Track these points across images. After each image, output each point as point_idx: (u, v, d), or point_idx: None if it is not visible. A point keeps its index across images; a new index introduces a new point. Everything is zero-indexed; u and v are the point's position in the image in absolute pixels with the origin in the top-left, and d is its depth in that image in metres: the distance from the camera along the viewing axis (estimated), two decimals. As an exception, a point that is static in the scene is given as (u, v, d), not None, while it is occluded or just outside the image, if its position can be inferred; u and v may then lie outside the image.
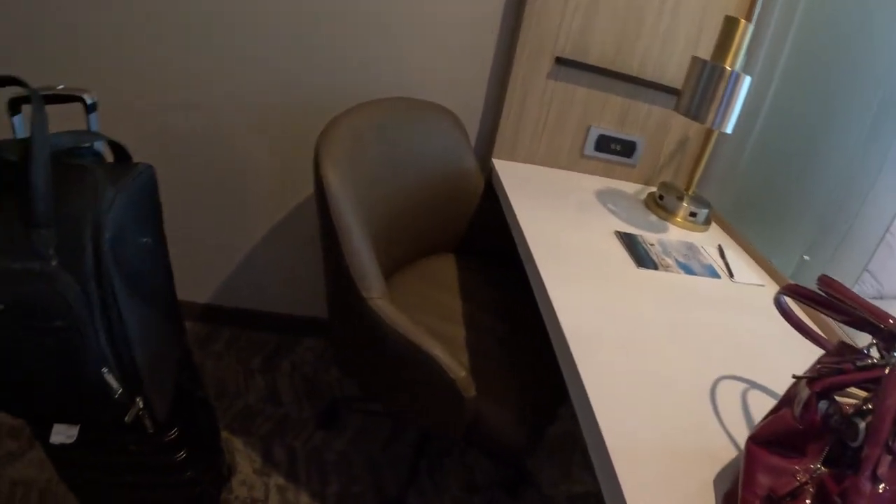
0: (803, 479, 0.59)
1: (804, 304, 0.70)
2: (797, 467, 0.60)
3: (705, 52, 1.55)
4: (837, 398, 0.62)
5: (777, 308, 0.78)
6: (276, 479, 1.65)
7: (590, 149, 1.72)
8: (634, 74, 1.64)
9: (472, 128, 1.74)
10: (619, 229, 1.41)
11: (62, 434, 1.11)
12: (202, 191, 1.81)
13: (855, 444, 0.58)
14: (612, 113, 1.69)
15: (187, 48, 1.59)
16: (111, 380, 0.94)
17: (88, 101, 0.95)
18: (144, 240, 0.99)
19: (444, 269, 1.62)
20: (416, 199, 1.50)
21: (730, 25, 1.36)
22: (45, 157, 0.81)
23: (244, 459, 1.69)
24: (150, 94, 1.64)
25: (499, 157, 1.71)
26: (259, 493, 1.61)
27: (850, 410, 0.60)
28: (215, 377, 1.92)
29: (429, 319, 1.37)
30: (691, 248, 1.42)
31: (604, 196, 1.61)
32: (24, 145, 0.81)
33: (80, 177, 0.85)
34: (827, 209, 1.34)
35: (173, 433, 1.19)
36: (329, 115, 1.30)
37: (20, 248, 0.80)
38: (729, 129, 1.39)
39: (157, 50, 1.59)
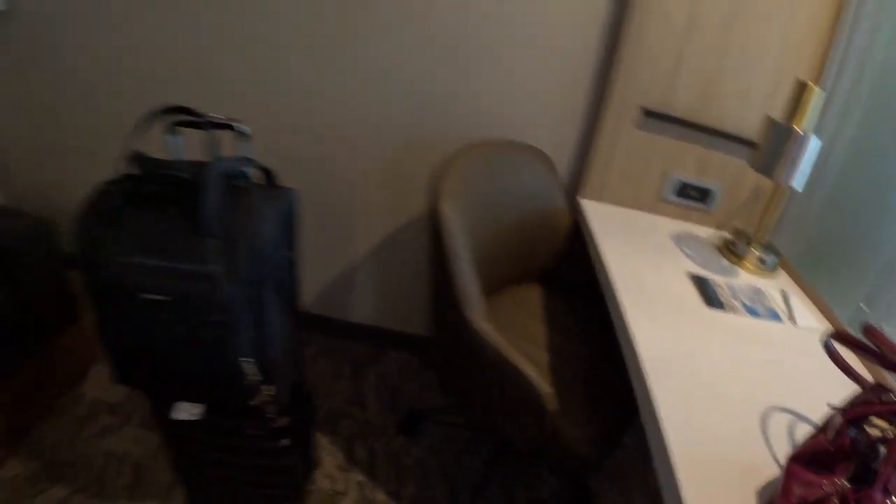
0: (829, 491, 0.73)
1: (850, 348, 0.84)
2: (825, 482, 0.75)
3: (780, 109, 1.68)
4: (866, 428, 0.77)
5: (825, 350, 0.92)
6: (357, 476, 1.82)
7: (670, 194, 1.86)
8: (714, 126, 1.77)
9: (563, 166, 1.90)
10: (692, 271, 1.54)
11: (186, 412, 1.30)
12: (311, 206, 2.03)
13: (875, 466, 0.72)
14: (691, 161, 1.82)
15: (312, 81, 1.82)
16: (249, 368, 1.13)
17: (243, 131, 1.16)
18: (286, 253, 1.19)
19: (531, 296, 1.78)
20: (511, 231, 1.67)
21: (801, 89, 1.47)
22: (217, 178, 1.01)
23: (328, 455, 1.87)
24: (272, 117, 1.87)
25: (586, 197, 1.87)
26: (340, 487, 1.78)
27: (875, 437, 0.74)
28: (307, 379, 2.11)
29: (517, 341, 1.54)
30: (758, 292, 1.53)
31: (680, 239, 1.75)
32: (199, 167, 1.02)
33: (242, 196, 1.06)
34: (887, 265, 1.45)
35: (285, 421, 1.38)
36: (434, 147, 1.51)
37: (190, 253, 1.01)
38: (798, 187, 1.51)
39: (280, 78, 1.82)
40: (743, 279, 1.59)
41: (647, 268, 1.49)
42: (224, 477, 1.50)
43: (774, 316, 1.43)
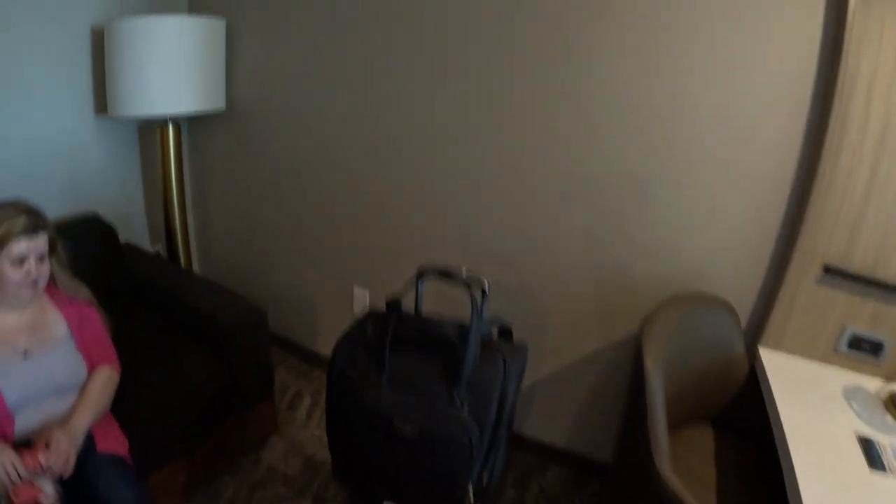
0: None
1: None
2: None
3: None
4: None
5: None
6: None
7: (842, 345, 1.94)
8: (892, 282, 1.84)
9: (744, 313, 2.04)
10: (858, 428, 1.62)
11: None
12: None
13: None
14: (866, 314, 1.90)
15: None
16: (470, 491, 1.30)
17: (485, 287, 1.34)
18: (515, 398, 1.37)
19: (704, 437, 1.93)
20: (693, 374, 1.81)
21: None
22: (477, 341, 1.20)
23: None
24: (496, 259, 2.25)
25: (764, 346, 1.98)
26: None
27: None
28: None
29: (690, 484, 1.65)
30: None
31: (849, 392, 1.82)
32: (463, 329, 1.21)
33: (492, 353, 1.25)
34: None
35: None
36: (631, 288, 1.95)
37: (444, 396, 1.19)
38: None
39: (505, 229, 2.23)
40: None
41: (817, 422, 1.61)
42: None
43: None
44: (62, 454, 1.50)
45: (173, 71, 2.44)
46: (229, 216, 3.16)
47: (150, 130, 2.92)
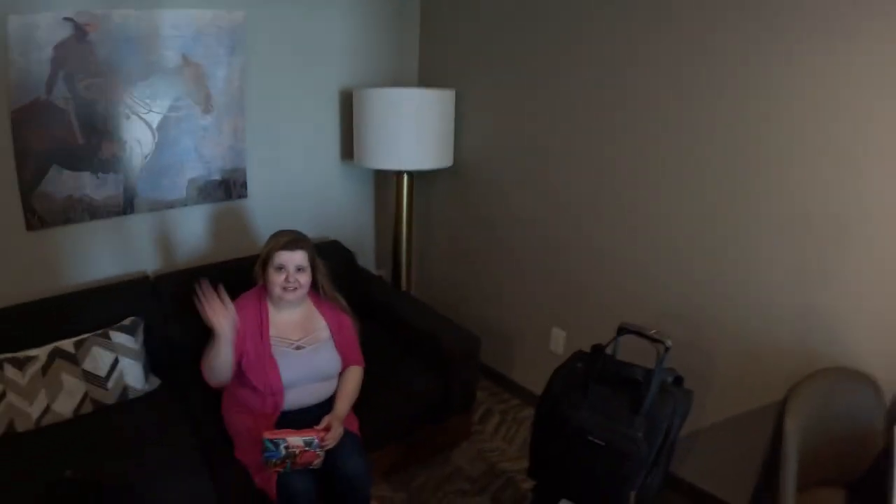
0: None
1: None
2: None
3: None
4: None
5: None
6: None
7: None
8: None
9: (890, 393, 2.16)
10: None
11: None
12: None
13: None
14: None
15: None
16: (632, 497, 1.74)
17: (667, 346, 1.78)
18: (677, 433, 1.80)
19: (834, 499, 2.12)
20: (831, 442, 2.08)
21: None
22: (658, 385, 1.65)
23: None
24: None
25: (902, 429, 2.16)
26: None
27: None
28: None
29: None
30: None
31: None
32: (648, 373, 1.66)
33: (666, 395, 1.70)
34: None
35: None
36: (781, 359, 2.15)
37: (626, 421, 1.65)
38: None
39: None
40: None
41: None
42: None
43: None
44: (337, 436, 2.13)
45: (412, 134, 3.08)
46: (446, 253, 3.82)
47: (383, 176, 3.66)
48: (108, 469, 2.09)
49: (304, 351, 2.30)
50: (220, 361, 2.12)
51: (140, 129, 2.79)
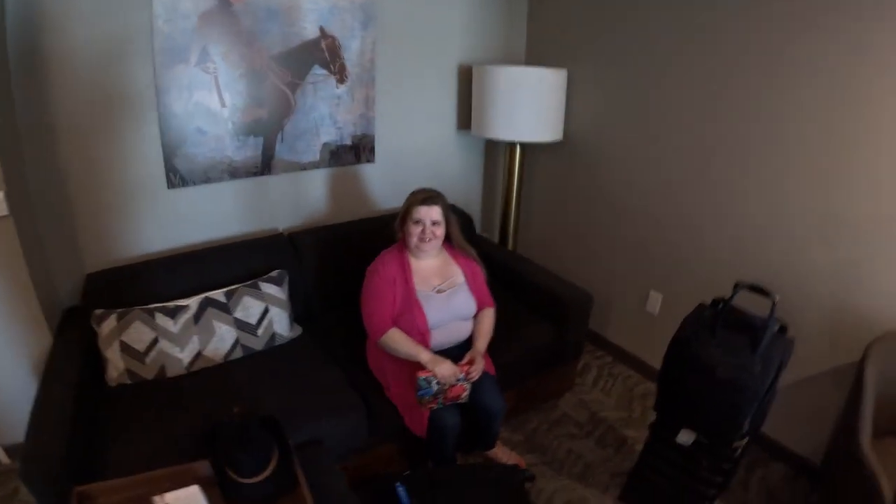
0: None
1: None
2: None
3: None
4: None
5: None
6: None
7: None
8: None
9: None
10: None
11: (686, 435, 2.34)
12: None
13: None
14: None
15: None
16: (746, 424, 2.07)
17: (776, 299, 2.08)
18: (781, 374, 2.12)
19: None
20: None
21: None
22: (772, 331, 1.98)
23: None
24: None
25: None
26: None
27: None
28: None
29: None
30: None
31: None
32: (763, 321, 2.00)
33: (777, 340, 2.04)
34: None
35: (727, 466, 2.35)
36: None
37: (746, 358, 2.00)
38: None
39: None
40: None
41: None
42: (662, 485, 2.50)
43: None
44: (480, 369, 2.51)
45: (529, 108, 3.41)
46: (548, 219, 4.16)
47: (493, 147, 4.08)
48: (270, 406, 2.33)
49: (444, 294, 2.64)
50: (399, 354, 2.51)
51: (280, 97, 3.10)
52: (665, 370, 2.33)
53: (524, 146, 3.68)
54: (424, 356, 2.42)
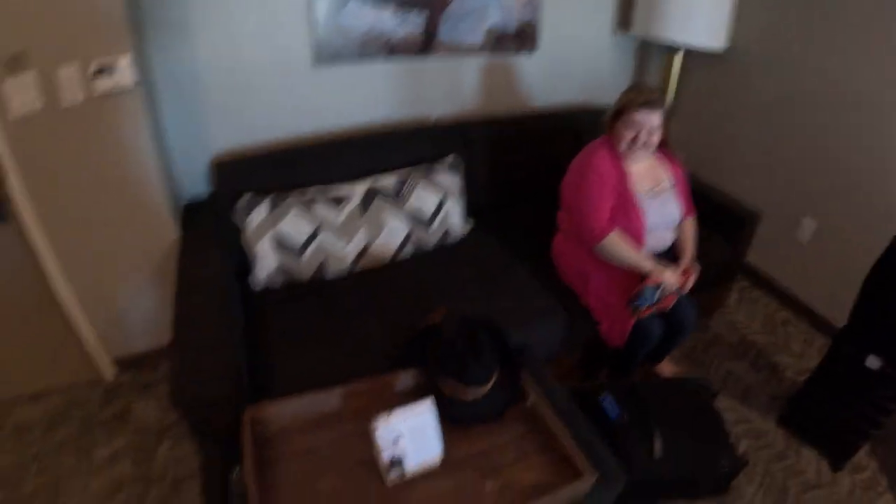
0: None
1: None
2: None
3: None
4: None
5: None
6: None
7: None
8: None
9: None
10: None
11: (875, 362, 2.26)
12: None
13: None
14: None
15: None
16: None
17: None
18: None
19: None
20: None
21: None
22: None
23: None
24: None
25: None
26: None
27: None
28: None
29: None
30: None
31: None
32: None
33: None
34: None
35: None
36: None
37: None
38: None
39: None
40: None
41: None
42: (829, 408, 2.49)
43: None
44: (693, 280, 2.43)
45: (692, 7, 3.10)
46: (701, 130, 3.92)
47: (647, 54, 3.84)
48: (466, 311, 2.11)
49: (656, 197, 2.48)
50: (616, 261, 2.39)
51: (448, -30, 2.91)
52: (865, 290, 2.26)
53: (686, 55, 3.47)
54: (649, 263, 2.33)
